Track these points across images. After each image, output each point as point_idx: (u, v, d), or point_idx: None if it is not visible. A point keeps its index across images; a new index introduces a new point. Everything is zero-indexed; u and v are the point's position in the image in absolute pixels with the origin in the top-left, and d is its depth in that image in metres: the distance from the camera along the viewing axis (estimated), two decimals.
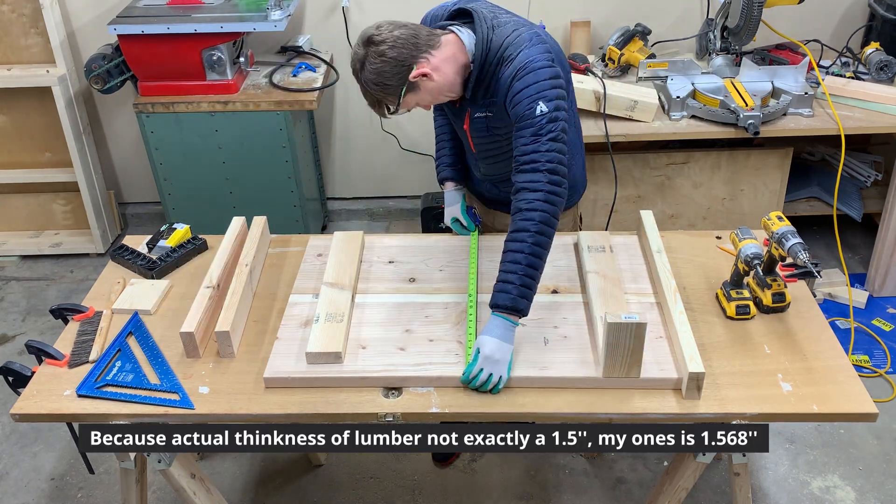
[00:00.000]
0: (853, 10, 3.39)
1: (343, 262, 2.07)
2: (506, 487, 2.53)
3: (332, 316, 1.87)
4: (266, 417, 1.73)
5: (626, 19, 3.32)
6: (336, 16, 3.44)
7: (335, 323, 1.85)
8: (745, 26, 2.95)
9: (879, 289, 3.23)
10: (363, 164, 3.84)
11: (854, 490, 2.48)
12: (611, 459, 2.61)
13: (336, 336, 1.81)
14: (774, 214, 1.89)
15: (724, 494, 2.47)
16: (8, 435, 2.78)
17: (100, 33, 3.33)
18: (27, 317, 3.36)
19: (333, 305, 1.91)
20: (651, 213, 2.19)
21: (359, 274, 2.08)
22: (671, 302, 1.86)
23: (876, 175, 3.40)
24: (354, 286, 2.01)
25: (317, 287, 2.03)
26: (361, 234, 2.19)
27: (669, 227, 3.19)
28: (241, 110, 3.10)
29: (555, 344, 1.82)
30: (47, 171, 3.63)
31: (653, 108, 2.87)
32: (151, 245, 2.24)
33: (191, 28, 2.96)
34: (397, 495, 2.52)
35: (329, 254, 2.11)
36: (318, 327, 1.83)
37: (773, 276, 1.92)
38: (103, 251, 3.70)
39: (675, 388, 1.72)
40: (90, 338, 1.92)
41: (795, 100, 2.89)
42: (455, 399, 1.72)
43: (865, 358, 2.94)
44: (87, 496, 2.55)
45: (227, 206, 3.33)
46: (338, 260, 2.08)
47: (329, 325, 1.84)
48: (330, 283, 1.99)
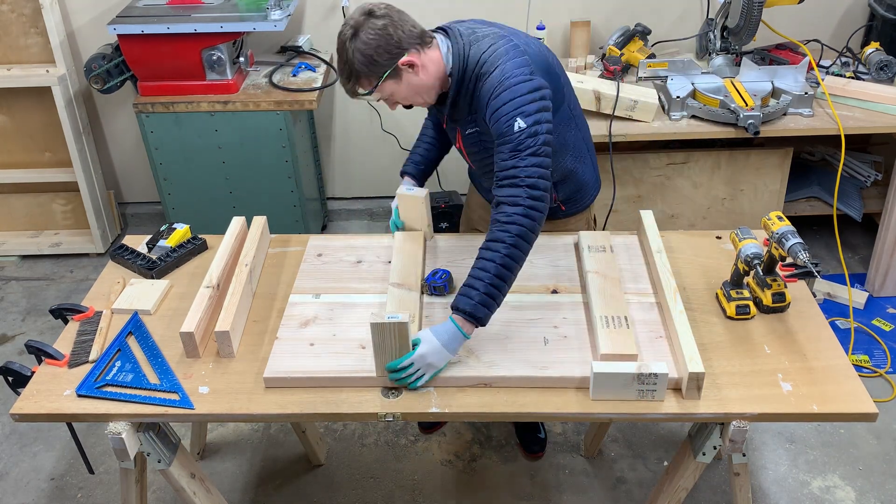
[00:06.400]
0: (853, 10, 3.39)
1: (408, 263, 2.04)
2: (506, 487, 2.53)
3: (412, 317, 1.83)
4: (266, 417, 1.73)
5: (626, 19, 3.32)
6: (336, 16, 3.44)
7: (410, 323, 1.78)
8: (745, 26, 2.95)
9: (879, 289, 3.23)
10: (363, 164, 3.84)
11: (854, 490, 2.48)
12: (611, 459, 2.61)
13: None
14: (774, 214, 1.89)
15: (724, 494, 2.47)
16: (8, 435, 2.78)
17: (100, 33, 3.34)
18: (27, 317, 3.36)
19: (404, 306, 1.89)
20: (651, 213, 2.19)
21: (423, 273, 2.04)
22: (671, 302, 1.86)
23: (876, 175, 3.40)
24: (422, 286, 1.99)
25: (317, 287, 2.03)
26: (423, 233, 2.15)
27: (669, 227, 3.19)
28: (241, 110, 3.10)
29: (555, 344, 1.82)
30: (47, 171, 3.63)
31: (653, 108, 2.87)
32: (151, 245, 2.24)
33: (191, 28, 2.96)
34: (397, 495, 2.52)
35: (393, 254, 2.08)
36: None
37: (773, 276, 1.92)
38: (103, 251, 3.70)
39: (676, 388, 1.72)
40: (90, 338, 1.92)
41: (795, 100, 2.88)
42: (455, 399, 1.72)
43: (865, 358, 2.94)
44: (87, 496, 2.55)
45: (227, 206, 3.33)
46: (403, 260, 2.05)
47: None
48: (397, 283, 1.97)
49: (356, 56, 1.76)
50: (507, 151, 1.75)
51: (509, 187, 1.74)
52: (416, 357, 1.68)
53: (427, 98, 1.89)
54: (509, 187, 1.74)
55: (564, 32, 3.41)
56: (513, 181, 1.74)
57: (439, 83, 1.87)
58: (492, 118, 1.78)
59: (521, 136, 1.73)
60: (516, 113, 1.74)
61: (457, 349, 1.73)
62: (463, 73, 1.84)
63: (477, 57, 1.82)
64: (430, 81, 1.84)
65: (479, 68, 1.81)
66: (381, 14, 1.76)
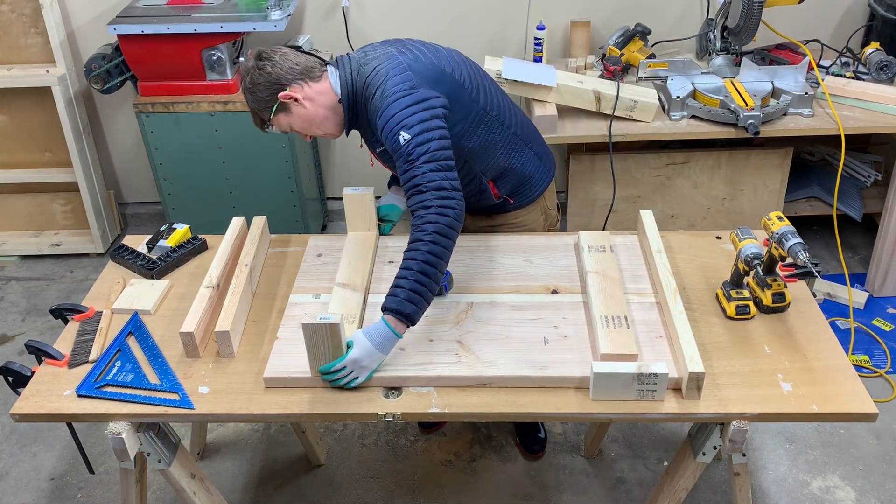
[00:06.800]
0: (853, 10, 3.39)
1: (356, 263, 2.06)
2: (506, 487, 2.53)
3: (344, 317, 1.85)
4: (266, 417, 1.73)
5: (626, 19, 3.32)
6: (336, 16, 3.44)
7: (347, 324, 1.84)
8: (745, 26, 2.95)
9: (879, 289, 3.23)
10: (363, 164, 3.83)
11: (854, 490, 2.48)
12: (611, 459, 2.61)
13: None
14: (774, 214, 1.89)
15: (724, 494, 2.47)
16: (8, 435, 2.78)
17: (100, 33, 3.34)
18: (27, 317, 3.36)
19: (346, 306, 1.91)
20: (651, 213, 2.19)
21: (371, 275, 2.07)
22: (671, 302, 1.86)
23: (876, 175, 3.40)
24: (367, 287, 2.01)
25: (317, 287, 2.03)
26: (376, 235, 2.18)
27: (669, 227, 3.19)
28: (241, 110, 3.10)
29: (555, 344, 1.82)
30: (47, 171, 3.63)
31: (653, 108, 2.87)
32: (151, 245, 2.24)
33: (191, 28, 2.96)
34: (397, 495, 2.52)
35: (342, 254, 2.10)
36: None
37: (773, 276, 1.92)
38: (103, 251, 3.70)
39: (676, 388, 1.72)
40: (90, 338, 1.92)
41: (795, 100, 2.89)
42: (455, 399, 1.72)
43: (865, 358, 2.94)
44: (87, 496, 2.55)
45: (227, 206, 3.33)
46: (351, 260, 2.07)
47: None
48: (342, 283, 1.99)
49: (246, 95, 1.96)
50: (402, 164, 1.84)
51: (416, 195, 1.81)
52: (349, 361, 1.72)
53: (325, 128, 2.01)
54: (416, 195, 1.81)
55: (564, 32, 3.41)
56: (416, 189, 1.81)
57: (332, 112, 1.98)
58: (383, 136, 1.88)
59: (409, 146, 1.81)
60: (399, 127, 1.82)
61: (390, 349, 1.76)
62: (354, 98, 1.95)
63: (363, 81, 1.93)
64: (321, 112, 1.96)
65: (365, 91, 1.93)
66: (267, 57, 1.92)
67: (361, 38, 3.49)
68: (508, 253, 2.14)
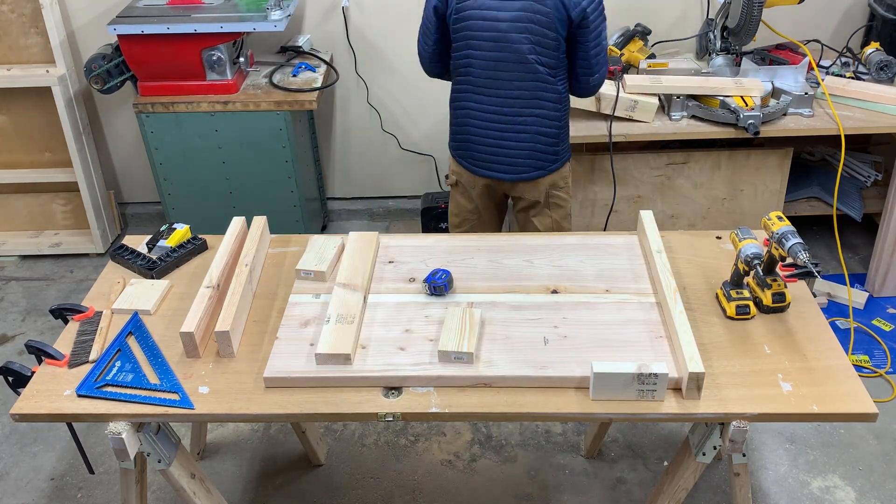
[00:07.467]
0: (853, 10, 3.39)
1: (357, 264, 2.06)
2: (506, 487, 2.53)
3: (342, 317, 1.85)
4: (266, 417, 1.73)
5: (626, 19, 3.32)
6: (336, 16, 3.44)
7: (346, 324, 1.84)
8: (745, 26, 2.95)
9: (879, 289, 3.23)
10: (363, 164, 3.84)
11: (854, 490, 2.48)
12: (611, 459, 2.61)
13: (346, 338, 1.79)
14: (774, 214, 1.89)
15: (724, 494, 2.47)
16: (8, 435, 2.78)
17: (100, 33, 3.34)
18: (27, 317, 3.36)
19: (345, 307, 1.91)
20: (651, 213, 2.19)
21: (372, 276, 2.07)
22: (671, 302, 1.86)
23: (876, 175, 3.40)
24: (367, 288, 2.01)
25: (317, 287, 2.03)
26: (376, 235, 2.18)
27: (669, 227, 3.19)
28: (241, 110, 3.10)
29: (555, 344, 1.82)
30: (47, 171, 3.63)
31: (653, 108, 2.87)
32: (151, 245, 2.24)
33: (191, 28, 2.96)
34: (397, 495, 2.52)
35: (343, 253, 2.10)
36: (329, 328, 1.82)
37: (773, 276, 1.92)
38: (103, 251, 3.70)
39: (676, 388, 1.72)
40: (90, 338, 1.92)
41: (795, 100, 2.89)
42: (455, 399, 1.72)
43: (865, 358, 2.94)
44: (87, 496, 2.55)
45: (227, 206, 3.33)
46: (352, 261, 2.07)
47: (340, 326, 1.83)
48: (343, 283, 1.99)
49: None
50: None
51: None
52: None
53: None
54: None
55: None
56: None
57: None
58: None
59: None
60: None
61: None
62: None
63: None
64: None
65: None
66: None
67: (361, 38, 3.49)
68: (508, 253, 2.14)
